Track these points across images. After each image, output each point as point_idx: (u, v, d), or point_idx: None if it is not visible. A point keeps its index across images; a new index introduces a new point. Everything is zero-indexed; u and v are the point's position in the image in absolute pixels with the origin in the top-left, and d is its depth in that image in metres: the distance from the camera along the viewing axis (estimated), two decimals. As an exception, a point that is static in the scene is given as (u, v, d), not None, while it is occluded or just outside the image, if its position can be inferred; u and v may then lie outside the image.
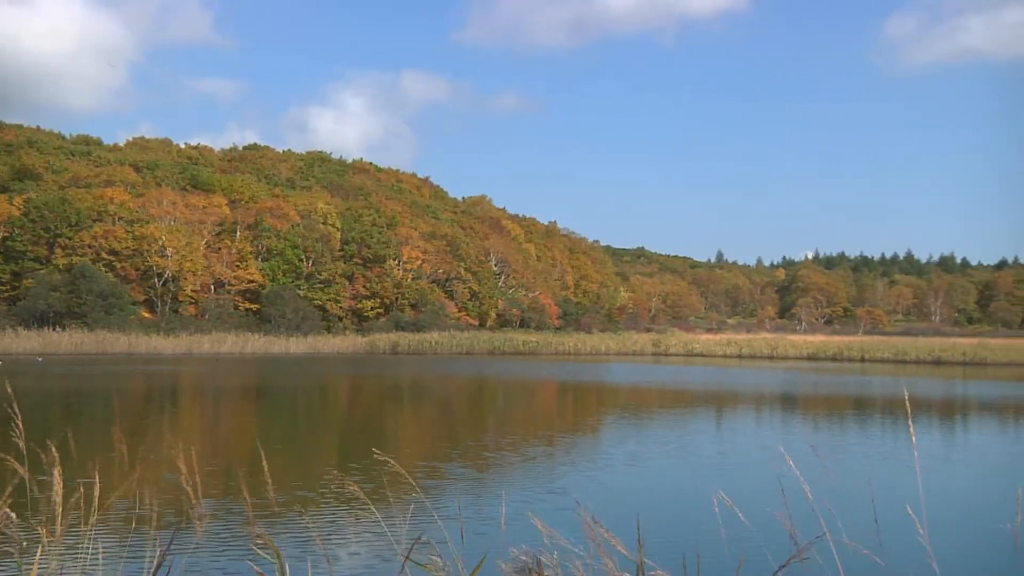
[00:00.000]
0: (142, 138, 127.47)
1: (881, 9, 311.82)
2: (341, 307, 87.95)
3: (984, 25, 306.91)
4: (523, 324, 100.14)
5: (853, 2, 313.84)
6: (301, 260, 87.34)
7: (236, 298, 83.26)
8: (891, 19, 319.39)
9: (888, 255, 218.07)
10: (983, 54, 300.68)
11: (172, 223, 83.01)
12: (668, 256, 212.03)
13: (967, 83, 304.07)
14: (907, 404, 5.10)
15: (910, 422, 5.33)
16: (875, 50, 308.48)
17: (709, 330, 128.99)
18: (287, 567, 4.30)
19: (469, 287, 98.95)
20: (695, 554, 4.71)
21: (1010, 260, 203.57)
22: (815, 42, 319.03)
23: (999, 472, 17.59)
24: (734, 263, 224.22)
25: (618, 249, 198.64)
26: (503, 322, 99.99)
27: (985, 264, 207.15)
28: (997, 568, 9.33)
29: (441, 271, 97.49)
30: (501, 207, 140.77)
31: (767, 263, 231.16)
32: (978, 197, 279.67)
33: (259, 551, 5.12)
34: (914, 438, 13.15)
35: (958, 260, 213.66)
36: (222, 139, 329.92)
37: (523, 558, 4.93)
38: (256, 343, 70.58)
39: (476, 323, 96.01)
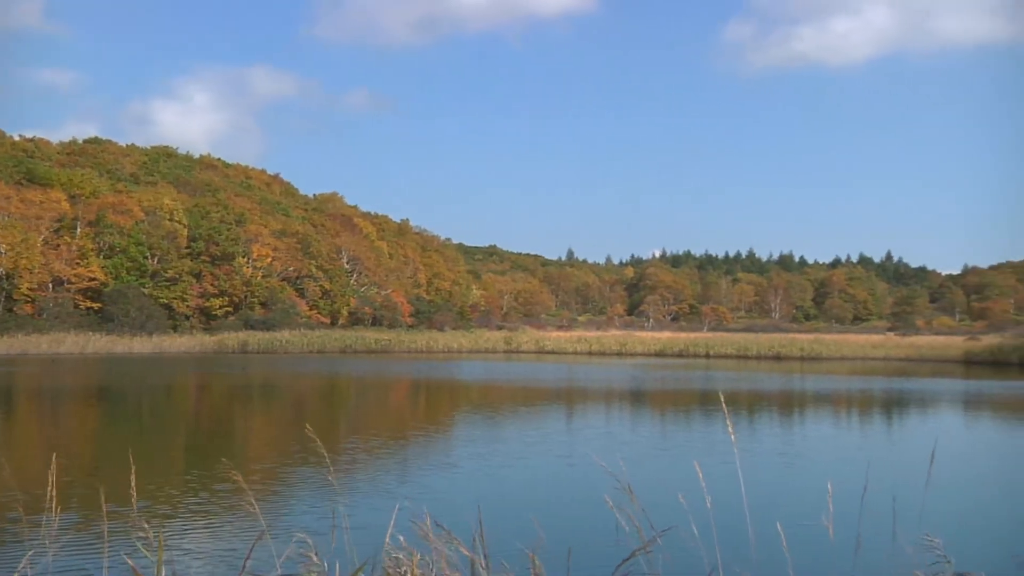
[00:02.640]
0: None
1: (720, 14, 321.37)
2: (188, 306, 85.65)
3: (814, 33, 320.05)
4: (375, 322, 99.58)
5: (695, 7, 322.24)
6: (146, 257, 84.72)
7: (76, 297, 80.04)
8: (729, 25, 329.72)
9: (731, 254, 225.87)
10: (815, 60, 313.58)
11: (6, 219, 79.21)
12: (520, 254, 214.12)
13: (802, 87, 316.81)
14: (731, 402, 5.42)
15: (731, 422, 5.64)
16: (716, 54, 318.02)
17: (560, 327, 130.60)
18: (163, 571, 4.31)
19: (320, 285, 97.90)
20: (537, 551, 4.90)
21: (843, 259, 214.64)
22: (660, 44, 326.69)
23: (828, 464, 18.49)
24: (584, 261, 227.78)
25: (470, 247, 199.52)
26: (355, 320, 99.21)
27: (821, 262, 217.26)
28: (815, 558, 9.83)
29: (292, 269, 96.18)
30: (353, 204, 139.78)
31: (616, 261, 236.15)
32: (813, 197, 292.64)
33: (142, 548, 5.09)
34: (732, 435, 13.71)
35: (796, 259, 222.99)
36: (60, 132, 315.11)
37: (389, 558, 5.05)
38: (98, 343, 68.15)
39: (328, 321, 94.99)
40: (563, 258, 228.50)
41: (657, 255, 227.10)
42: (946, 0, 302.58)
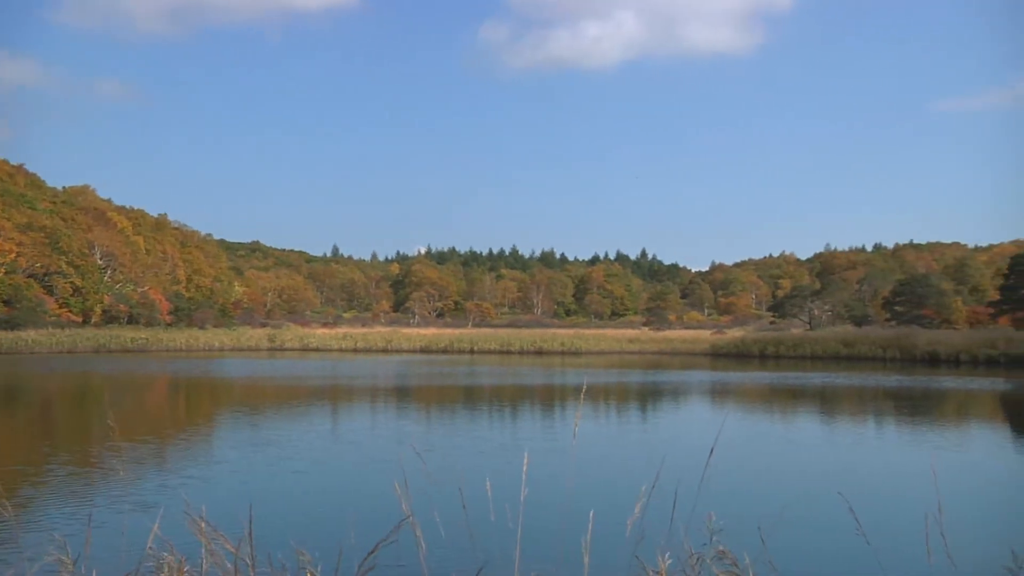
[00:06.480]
0: None
1: (475, 15, 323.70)
2: (-81, 304, 79.66)
3: (568, 37, 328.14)
4: (132, 320, 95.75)
5: (454, 6, 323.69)
6: None
7: None
8: (484, 25, 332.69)
9: (495, 251, 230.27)
10: (570, 63, 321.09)
11: None
12: (284, 250, 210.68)
13: (559, 89, 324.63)
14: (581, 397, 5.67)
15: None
16: (473, 53, 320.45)
17: (325, 324, 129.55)
18: None
19: (71, 282, 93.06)
20: (306, 547, 5.02)
21: (601, 256, 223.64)
22: (418, 42, 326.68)
23: (592, 455, 19.30)
24: (349, 258, 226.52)
25: (232, 243, 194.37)
26: (109, 318, 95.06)
27: (581, 260, 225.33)
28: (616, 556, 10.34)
29: (39, 265, 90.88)
30: (106, 198, 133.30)
31: (382, 258, 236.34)
32: (574, 197, 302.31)
33: None
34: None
35: (557, 256, 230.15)
36: None
37: (154, 563, 5.01)
38: None
39: (79, 320, 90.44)
40: (328, 255, 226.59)
41: (422, 252, 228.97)
42: (688, 10, 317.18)
